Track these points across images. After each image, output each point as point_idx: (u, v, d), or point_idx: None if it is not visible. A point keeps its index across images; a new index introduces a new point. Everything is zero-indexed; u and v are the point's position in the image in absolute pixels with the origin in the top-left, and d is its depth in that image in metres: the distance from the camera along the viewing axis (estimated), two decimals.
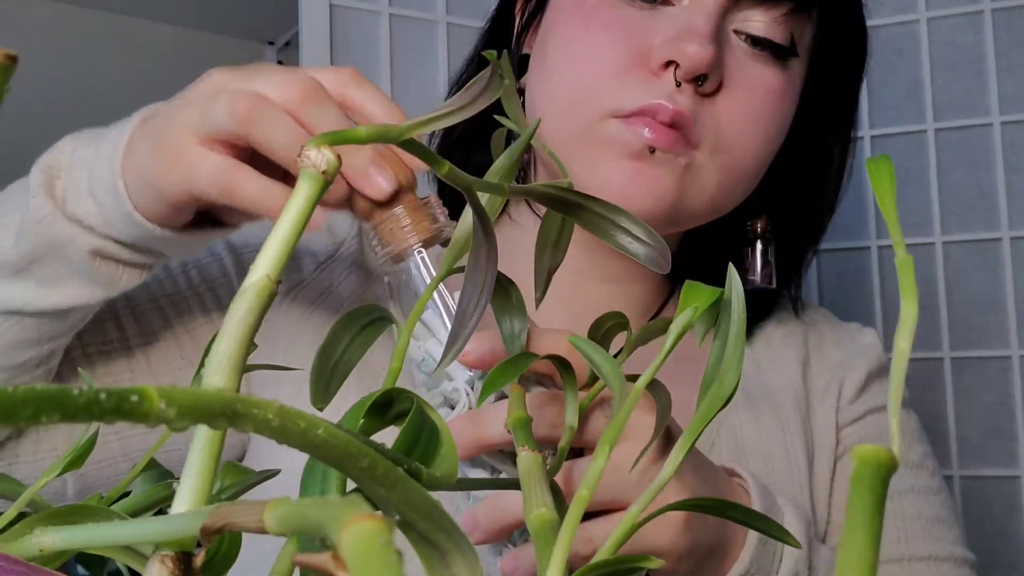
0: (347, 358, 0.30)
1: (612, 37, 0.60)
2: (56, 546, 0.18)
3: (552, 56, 0.63)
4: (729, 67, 0.60)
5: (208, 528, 0.16)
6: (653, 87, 0.58)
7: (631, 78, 0.59)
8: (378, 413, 0.28)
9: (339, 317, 0.32)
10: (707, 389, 0.26)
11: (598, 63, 0.60)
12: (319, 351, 0.30)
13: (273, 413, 0.15)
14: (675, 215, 0.62)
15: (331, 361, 0.30)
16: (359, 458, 0.16)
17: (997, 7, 1.22)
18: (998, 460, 1.20)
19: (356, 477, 0.16)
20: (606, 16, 0.60)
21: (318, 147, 0.22)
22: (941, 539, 0.67)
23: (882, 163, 0.20)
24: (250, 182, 0.45)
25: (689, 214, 0.63)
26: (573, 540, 0.25)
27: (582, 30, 0.61)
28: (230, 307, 0.21)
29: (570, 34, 0.62)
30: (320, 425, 0.15)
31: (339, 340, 0.31)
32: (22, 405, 0.11)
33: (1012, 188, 1.21)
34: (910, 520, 0.67)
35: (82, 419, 0.12)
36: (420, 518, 0.17)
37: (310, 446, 0.15)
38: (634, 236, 0.32)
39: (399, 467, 0.17)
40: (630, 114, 0.58)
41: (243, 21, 2.37)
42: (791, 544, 0.32)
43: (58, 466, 0.29)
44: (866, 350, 0.74)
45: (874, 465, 0.14)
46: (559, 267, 0.38)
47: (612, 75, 0.59)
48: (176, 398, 0.13)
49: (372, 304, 0.33)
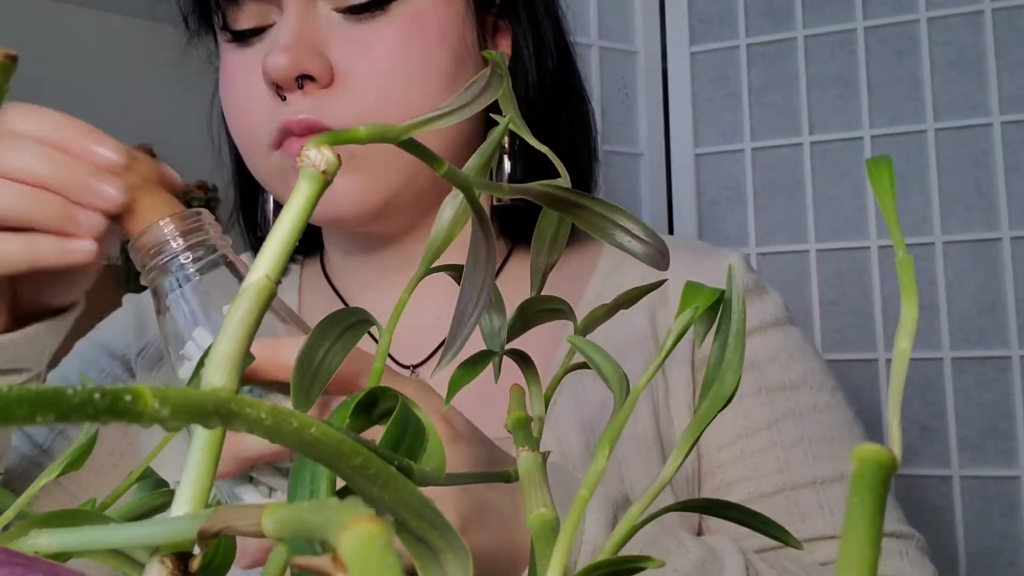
0: (328, 363, 0.30)
1: (235, 85, 0.65)
2: (52, 548, 0.18)
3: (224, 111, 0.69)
4: (339, 46, 0.61)
5: (206, 532, 0.16)
6: (276, 110, 0.61)
7: (261, 111, 0.62)
8: (363, 413, 0.28)
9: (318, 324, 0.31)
10: (707, 390, 0.25)
11: (239, 111, 0.65)
12: (299, 357, 0.29)
13: (266, 412, 0.15)
14: (394, 196, 0.63)
15: (312, 366, 0.29)
16: (351, 456, 0.16)
17: (997, 7, 1.23)
18: (998, 460, 1.20)
19: (348, 476, 0.16)
20: (227, 67, 0.66)
21: (318, 147, 0.22)
22: (827, 459, 0.63)
23: (882, 163, 0.20)
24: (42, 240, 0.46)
25: (406, 182, 0.63)
26: None
27: (224, 86, 0.67)
28: (230, 307, 0.21)
29: (222, 91, 0.67)
30: (312, 424, 0.15)
31: (319, 345, 0.30)
32: (17, 405, 0.11)
33: (1012, 188, 1.21)
34: (790, 447, 0.63)
35: (76, 419, 0.12)
36: (412, 516, 0.17)
37: (303, 444, 0.15)
38: (633, 235, 0.32)
39: (391, 465, 0.17)
40: (278, 142, 0.62)
41: None
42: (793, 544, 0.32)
43: (57, 467, 0.29)
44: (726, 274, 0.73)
45: (874, 465, 0.14)
46: None
47: (252, 116, 0.64)
48: (170, 398, 0.13)
49: (354, 308, 0.33)
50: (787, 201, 1.32)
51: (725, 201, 1.36)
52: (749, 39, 1.35)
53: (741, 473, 0.63)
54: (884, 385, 1.24)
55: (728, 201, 1.35)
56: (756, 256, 1.32)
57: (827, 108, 1.31)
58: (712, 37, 1.37)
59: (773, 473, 0.63)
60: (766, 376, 0.66)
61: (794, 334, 0.70)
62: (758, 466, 0.63)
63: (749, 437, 0.64)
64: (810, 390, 0.66)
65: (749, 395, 0.65)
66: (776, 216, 1.33)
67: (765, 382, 0.66)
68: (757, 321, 0.68)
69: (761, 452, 0.64)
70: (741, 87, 1.35)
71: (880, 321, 1.26)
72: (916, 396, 1.24)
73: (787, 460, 0.63)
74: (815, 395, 0.66)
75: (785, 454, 0.63)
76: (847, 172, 1.30)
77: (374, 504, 0.17)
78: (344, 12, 0.61)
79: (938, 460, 1.23)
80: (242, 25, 0.63)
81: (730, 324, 0.26)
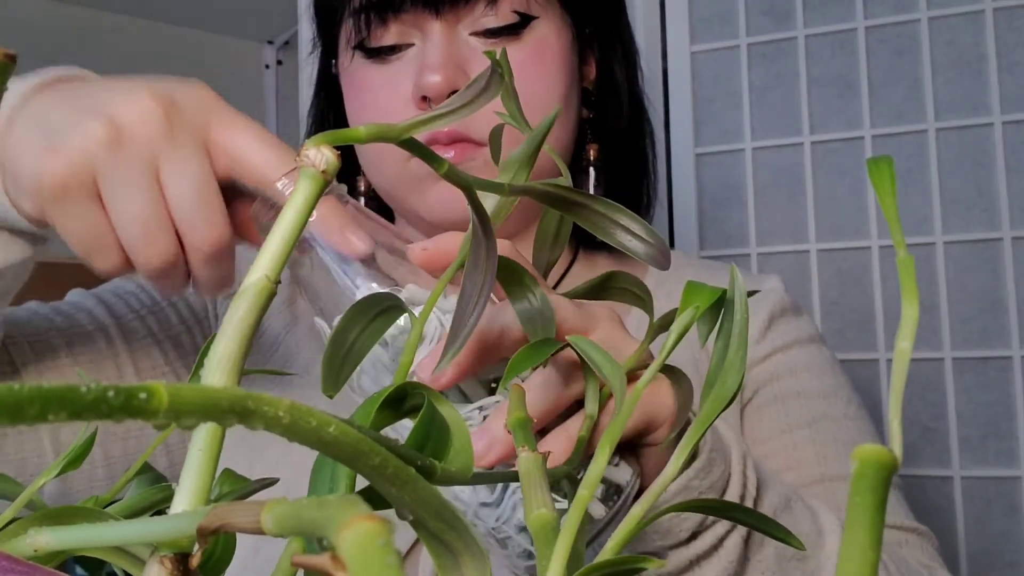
0: (358, 347, 0.30)
1: (374, 97, 0.70)
2: (51, 546, 0.18)
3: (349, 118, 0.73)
4: (479, 66, 0.66)
5: (204, 529, 0.16)
6: None
7: None
8: (391, 407, 0.28)
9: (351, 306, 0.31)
10: (709, 389, 0.25)
11: (381, 119, 0.69)
12: (330, 340, 0.30)
13: (284, 410, 0.14)
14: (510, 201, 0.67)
15: (342, 350, 0.30)
16: (370, 456, 0.16)
17: (998, 6, 1.22)
18: (998, 460, 1.20)
19: (367, 475, 0.16)
20: (361, 81, 0.70)
21: (317, 147, 0.22)
22: None
23: (883, 163, 0.20)
24: None
25: None
26: None
27: (357, 99, 0.71)
28: (230, 307, 0.21)
29: (355, 102, 0.72)
30: (332, 423, 0.15)
31: (350, 329, 0.30)
32: (28, 403, 0.11)
33: (1012, 188, 1.21)
34: (826, 444, 0.70)
35: (89, 417, 0.12)
36: (431, 517, 0.17)
37: (321, 444, 0.15)
38: (634, 234, 0.32)
39: (411, 465, 0.17)
40: None
41: (243, 21, 2.37)
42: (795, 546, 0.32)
43: (58, 465, 0.29)
44: (767, 294, 0.77)
45: (875, 465, 0.14)
46: None
47: None
48: (185, 395, 0.13)
49: (384, 293, 0.33)
50: (787, 201, 1.32)
51: (725, 201, 1.36)
52: (749, 39, 1.34)
53: (784, 464, 0.69)
54: (885, 385, 1.24)
55: (728, 201, 1.35)
56: (756, 256, 1.32)
57: (828, 108, 1.31)
58: (712, 37, 1.37)
59: (813, 464, 0.68)
60: (803, 382, 0.73)
61: (827, 353, 0.77)
62: (800, 458, 0.69)
63: (792, 432, 0.70)
64: (842, 401, 0.73)
65: (790, 397, 0.72)
66: (776, 216, 1.33)
67: (803, 387, 0.72)
68: (796, 335, 0.75)
69: (803, 446, 0.70)
70: (741, 87, 1.34)
71: (881, 321, 1.26)
72: (917, 396, 1.24)
73: (825, 455, 0.69)
74: (846, 406, 0.73)
75: (824, 450, 0.69)
76: (848, 172, 1.30)
77: (394, 503, 0.17)
78: (481, 35, 0.68)
79: (939, 460, 1.23)
80: (383, 43, 0.69)
81: (732, 325, 0.26)
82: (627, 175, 0.80)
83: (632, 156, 0.79)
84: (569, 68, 0.72)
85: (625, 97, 0.78)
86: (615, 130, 0.78)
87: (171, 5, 2.27)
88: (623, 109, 0.78)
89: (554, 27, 0.71)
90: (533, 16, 0.69)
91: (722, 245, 1.35)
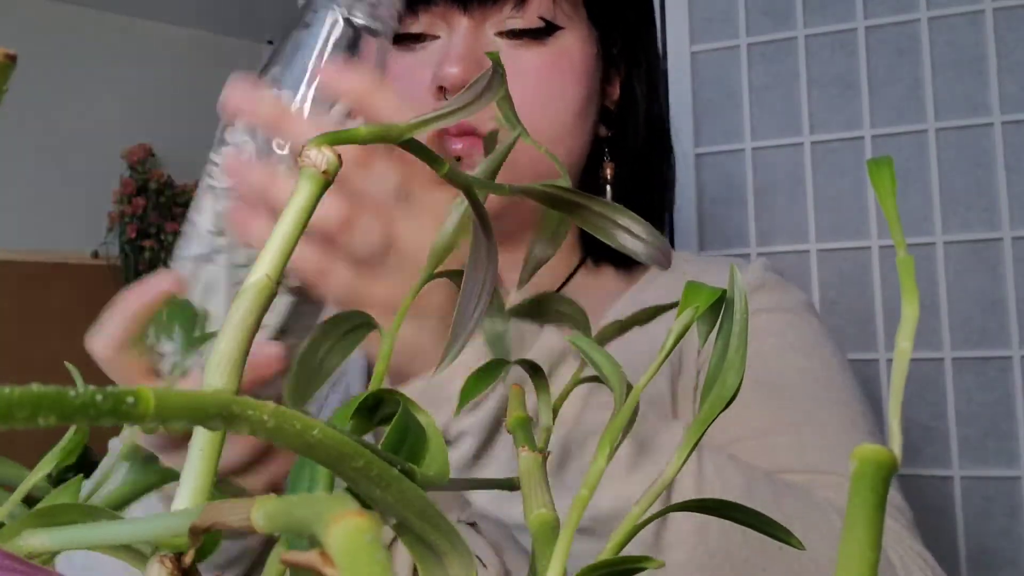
0: (327, 364, 0.30)
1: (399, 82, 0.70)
2: (46, 547, 0.18)
3: None
4: None
5: (197, 527, 0.16)
6: None
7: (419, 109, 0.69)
8: (366, 415, 0.28)
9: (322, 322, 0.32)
10: (709, 389, 0.25)
11: None
12: (301, 355, 0.30)
13: (268, 414, 0.15)
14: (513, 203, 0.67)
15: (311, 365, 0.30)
16: (354, 458, 0.16)
17: (998, 6, 1.22)
18: (998, 460, 1.20)
19: (351, 478, 0.16)
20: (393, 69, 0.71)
21: (318, 147, 0.22)
22: None
23: (883, 163, 0.20)
24: None
25: None
26: None
27: None
28: (230, 308, 0.21)
29: None
30: (316, 426, 0.15)
31: (320, 344, 0.30)
32: (19, 407, 0.11)
33: (1012, 188, 1.21)
34: (769, 399, 0.68)
35: (78, 420, 0.12)
36: (415, 518, 0.17)
37: (305, 446, 0.15)
38: (634, 234, 0.32)
39: (393, 467, 0.17)
40: None
41: (243, 21, 2.37)
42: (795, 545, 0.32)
43: (52, 459, 0.29)
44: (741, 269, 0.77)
45: (875, 465, 0.14)
46: None
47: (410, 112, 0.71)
48: (171, 400, 0.13)
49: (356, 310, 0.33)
50: (787, 201, 1.32)
51: (725, 201, 1.36)
52: (749, 39, 1.35)
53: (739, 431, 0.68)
54: (885, 385, 1.24)
55: (728, 201, 1.35)
56: (756, 256, 1.32)
57: (828, 108, 1.31)
58: (712, 37, 1.37)
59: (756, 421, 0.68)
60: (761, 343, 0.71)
61: (805, 321, 0.73)
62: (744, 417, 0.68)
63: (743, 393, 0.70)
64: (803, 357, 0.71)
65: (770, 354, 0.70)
66: (776, 216, 1.33)
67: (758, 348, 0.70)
68: (759, 305, 0.73)
69: (752, 406, 0.69)
70: (741, 87, 1.34)
71: (881, 321, 1.26)
72: (917, 396, 1.24)
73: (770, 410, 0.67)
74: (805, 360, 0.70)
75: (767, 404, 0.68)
76: (848, 172, 1.30)
77: (378, 506, 0.17)
78: (506, 36, 0.69)
79: (939, 460, 1.23)
80: (410, 30, 0.70)
81: (732, 324, 0.26)
82: (642, 194, 0.79)
83: (648, 178, 0.79)
84: (588, 82, 0.72)
85: (644, 118, 0.78)
86: (633, 151, 0.78)
87: (171, 5, 2.27)
88: (641, 131, 0.78)
89: (579, 40, 0.71)
90: (558, 26, 0.69)
91: (722, 245, 1.35)
